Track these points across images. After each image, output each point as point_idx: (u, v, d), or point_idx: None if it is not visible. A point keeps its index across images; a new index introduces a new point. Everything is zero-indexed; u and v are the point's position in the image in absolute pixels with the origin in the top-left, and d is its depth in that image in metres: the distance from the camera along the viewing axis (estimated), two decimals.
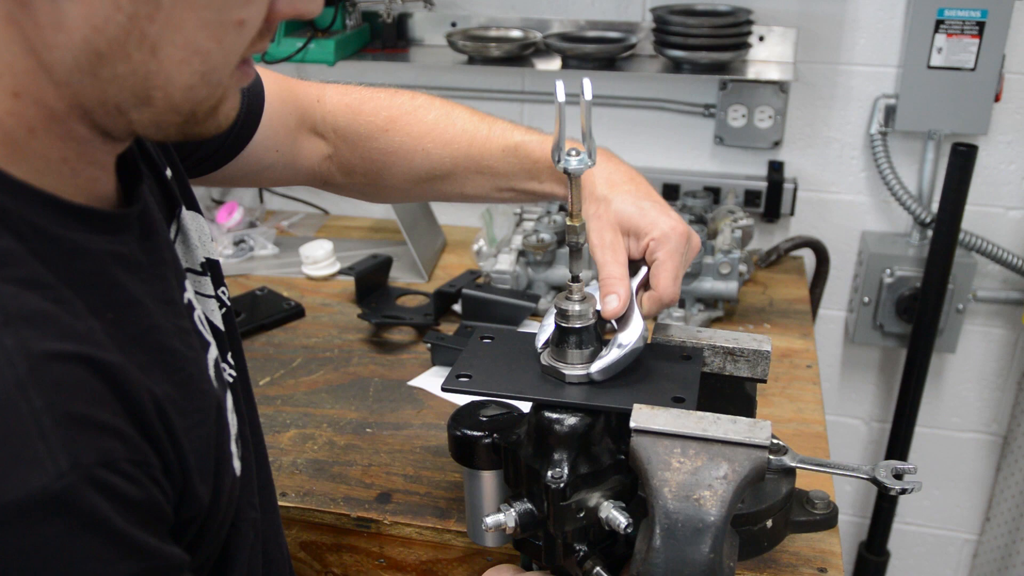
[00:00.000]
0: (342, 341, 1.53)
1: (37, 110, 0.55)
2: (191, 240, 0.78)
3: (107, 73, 0.55)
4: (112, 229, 0.61)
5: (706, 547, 0.70)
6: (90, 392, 0.53)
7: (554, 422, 0.80)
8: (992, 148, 1.75)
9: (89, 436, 0.52)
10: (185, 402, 0.63)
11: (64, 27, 0.52)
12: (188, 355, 0.66)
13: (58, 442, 0.50)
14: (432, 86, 1.95)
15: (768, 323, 1.59)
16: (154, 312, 0.63)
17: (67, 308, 0.54)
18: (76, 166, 0.59)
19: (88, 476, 0.50)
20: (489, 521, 0.82)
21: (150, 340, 0.61)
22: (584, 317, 0.83)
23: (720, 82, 1.80)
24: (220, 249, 1.82)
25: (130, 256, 0.63)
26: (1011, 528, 1.99)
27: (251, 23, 0.58)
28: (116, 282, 0.60)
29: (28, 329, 0.51)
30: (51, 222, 0.56)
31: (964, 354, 1.92)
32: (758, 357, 0.89)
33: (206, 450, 0.65)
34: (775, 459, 0.83)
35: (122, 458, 0.53)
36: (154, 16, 0.53)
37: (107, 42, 0.53)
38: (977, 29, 1.62)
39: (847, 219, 1.87)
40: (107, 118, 0.58)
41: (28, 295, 0.52)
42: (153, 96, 0.57)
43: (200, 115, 0.60)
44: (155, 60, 0.55)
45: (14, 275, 0.52)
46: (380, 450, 1.24)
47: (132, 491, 0.54)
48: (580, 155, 0.77)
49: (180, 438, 0.61)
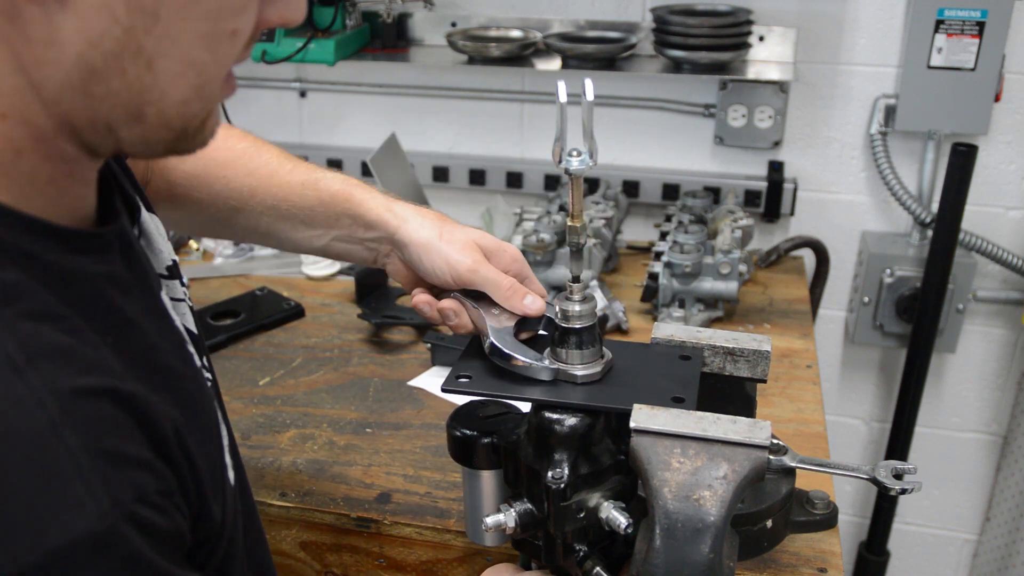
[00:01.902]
0: (342, 341, 1.53)
1: (24, 130, 0.54)
2: (155, 244, 0.76)
3: (100, 90, 0.54)
4: (99, 249, 0.60)
5: (706, 547, 0.70)
6: (118, 426, 0.53)
7: (554, 422, 0.80)
8: (992, 148, 1.75)
9: (123, 472, 0.51)
10: (191, 422, 0.62)
11: (57, 42, 0.51)
12: (186, 372, 0.66)
13: (97, 481, 0.49)
14: (432, 86, 1.95)
15: (768, 323, 1.59)
16: (149, 331, 0.62)
17: (83, 338, 0.54)
18: (63, 185, 0.58)
19: (126, 513, 0.50)
20: (489, 521, 0.82)
21: (151, 361, 0.61)
22: (585, 317, 0.83)
23: (720, 82, 1.80)
24: (220, 249, 1.82)
25: (118, 275, 0.62)
26: (1011, 528, 1.99)
27: (243, 33, 0.57)
28: (112, 304, 0.59)
29: (51, 365, 0.50)
30: (44, 248, 0.55)
31: (964, 354, 1.92)
32: (758, 357, 0.89)
33: (214, 468, 0.65)
34: (775, 459, 0.83)
35: (152, 490, 0.53)
36: (151, 28, 0.52)
37: (102, 57, 0.52)
38: (977, 29, 1.62)
39: (847, 219, 1.87)
40: (95, 136, 0.57)
41: (45, 329, 0.52)
42: (146, 112, 0.56)
43: (190, 131, 0.59)
44: (150, 74, 0.54)
45: (28, 309, 0.52)
46: (380, 450, 1.24)
47: (162, 522, 0.54)
48: (581, 155, 0.77)
49: (194, 459, 0.60)
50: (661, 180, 1.88)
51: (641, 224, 1.95)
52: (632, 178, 1.89)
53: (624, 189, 1.88)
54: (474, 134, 1.98)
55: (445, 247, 0.91)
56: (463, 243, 0.91)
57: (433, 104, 1.98)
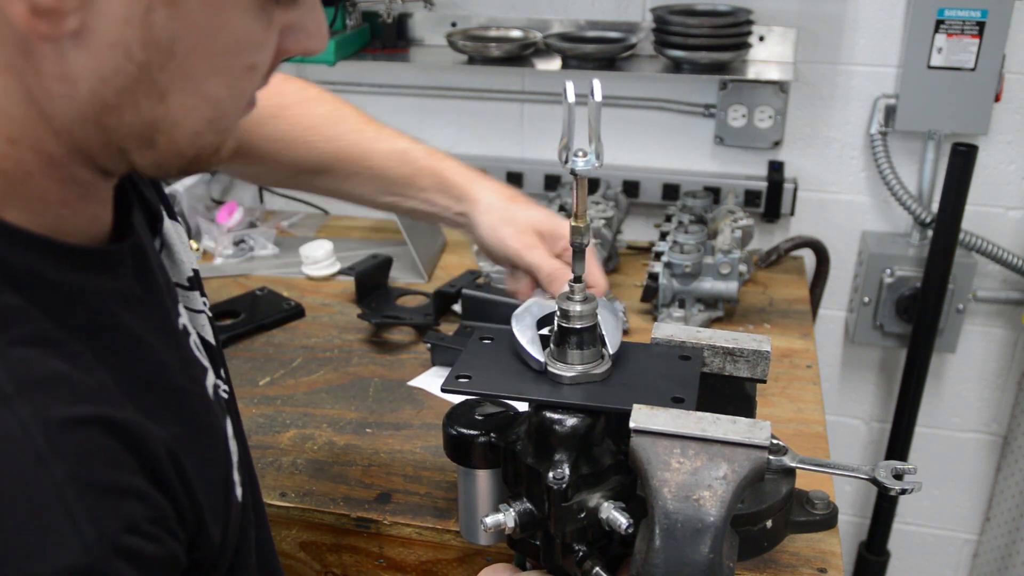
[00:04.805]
0: (342, 341, 1.53)
1: (34, 156, 0.53)
2: (176, 254, 0.75)
3: (113, 122, 0.53)
4: (108, 266, 0.59)
5: (706, 547, 0.70)
6: (109, 456, 0.52)
7: (555, 423, 0.80)
8: (992, 148, 1.75)
9: (112, 503, 0.51)
10: (194, 443, 0.61)
11: (70, 78, 0.50)
12: (193, 391, 0.65)
13: (83, 514, 0.48)
14: (432, 86, 1.95)
15: (768, 323, 1.59)
16: (157, 348, 0.61)
17: (77, 363, 0.53)
18: (77, 207, 0.57)
19: (113, 546, 0.50)
20: (488, 521, 0.82)
21: (157, 381, 0.60)
22: (586, 317, 0.83)
23: (720, 82, 1.80)
24: (220, 249, 1.82)
25: (128, 292, 0.61)
26: (1011, 528, 1.99)
27: (261, 66, 0.56)
28: (118, 322, 0.58)
29: (41, 394, 0.49)
30: (47, 267, 0.54)
31: (964, 354, 1.92)
32: (758, 357, 0.89)
33: (216, 489, 0.64)
34: (775, 459, 0.83)
35: (143, 519, 0.53)
36: (166, 65, 0.51)
37: (115, 93, 0.52)
38: (977, 29, 1.62)
39: (847, 219, 1.87)
40: (109, 160, 0.56)
41: (37, 355, 0.51)
42: (157, 140, 0.55)
43: (203, 157, 0.58)
44: (163, 106, 0.53)
45: (20, 335, 0.51)
46: (380, 450, 1.24)
47: (153, 550, 0.53)
48: (587, 156, 0.77)
49: (193, 482, 0.60)
50: (661, 180, 1.88)
51: (641, 224, 1.95)
52: (632, 178, 1.89)
53: (624, 189, 1.88)
54: (474, 134, 1.97)
55: (503, 229, 0.96)
56: (521, 226, 0.96)
57: (433, 104, 1.98)
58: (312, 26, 0.59)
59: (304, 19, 0.58)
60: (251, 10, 0.53)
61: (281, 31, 0.57)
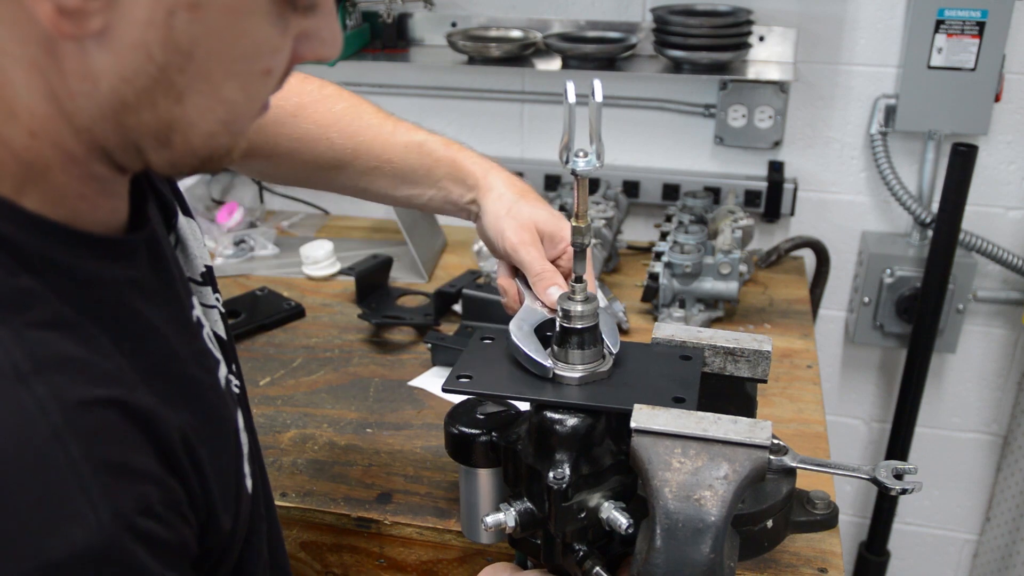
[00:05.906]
0: (342, 341, 1.53)
1: (54, 151, 0.54)
2: (190, 249, 0.77)
3: (131, 120, 0.54)
4: (124, 255, 0.60)
5: (707, 547, 0.70)
6: (124, 438, 0.52)
7: (555, 422, 0.80)
8: (992, 148, 1.75)
9: (126, 484, 0.51)
10: (206, 432, 0.62)
11: (92, 77, 0.52)
12: (206, 382, 0.65)
13: (98, 493, 0.49)
14: (432, 86, 1.95)
15: (768, 323, 1.59)
16: (171, 338, 0.62)
17: (94, 347, 0.54)
18: (94, 201, 0.58)
19: (128, 526, 0.50)
20: (489, 520, 0.82)
21: (170, 370, 0.61)
22: (587, 317, 0.83)
23: (720, 82, 1.80)
24: (220, 249, 1.82)
25: (143, 281, 0.62)
26: (1011, 528, 1.99)
27: (276, 71, 0.57)
28: (133, 311, 0.59)
29: (59, 376, 0.50)
30: (64, 253, 0.55)
31: (964, 354, 1.92)
32: (758, 357, 0.89)
33: (227, 478, 0.65)
34: (775, 459, 0.83)
35: (156, 502, 0.53)
36: (185, 67, 0.52)
37: (135, 92, 0.53)
38: (977, 29, 1.62)
39: (847, 219, 1.87)
40: (125, 157, 0.57)
41: (55, 338, 0.52)
42: (173, 139, 0.56)
43: (216, 158, 0.59)
44: (180, 107, 0.54)
45: (38, 318, 0.51)
46: (380, 450, 1.24)
47: (165, 534, 0.53)
48: (588, 156, 0.78)
49: (205, 470, 0.60)
50: (661, 180, 1.88)
51: (641, 224, 1.95)
52: (632, 178, 1.89)
53: (624, 189, 1.88)
54: (474, 134, 1.97)
55: (505, 221, 0.96)
56: (523, 222, 0.95)
57: (433, 104, 1.98)
58: (327, 34, 0.60)
59: (320, 27, 0.59)
60: (269, 17, 0.54)
61: (296, 37, 0.58)
